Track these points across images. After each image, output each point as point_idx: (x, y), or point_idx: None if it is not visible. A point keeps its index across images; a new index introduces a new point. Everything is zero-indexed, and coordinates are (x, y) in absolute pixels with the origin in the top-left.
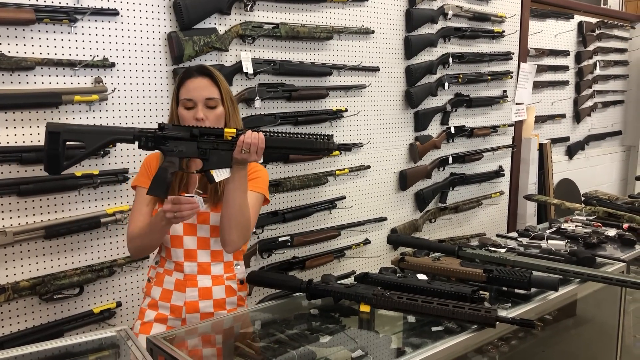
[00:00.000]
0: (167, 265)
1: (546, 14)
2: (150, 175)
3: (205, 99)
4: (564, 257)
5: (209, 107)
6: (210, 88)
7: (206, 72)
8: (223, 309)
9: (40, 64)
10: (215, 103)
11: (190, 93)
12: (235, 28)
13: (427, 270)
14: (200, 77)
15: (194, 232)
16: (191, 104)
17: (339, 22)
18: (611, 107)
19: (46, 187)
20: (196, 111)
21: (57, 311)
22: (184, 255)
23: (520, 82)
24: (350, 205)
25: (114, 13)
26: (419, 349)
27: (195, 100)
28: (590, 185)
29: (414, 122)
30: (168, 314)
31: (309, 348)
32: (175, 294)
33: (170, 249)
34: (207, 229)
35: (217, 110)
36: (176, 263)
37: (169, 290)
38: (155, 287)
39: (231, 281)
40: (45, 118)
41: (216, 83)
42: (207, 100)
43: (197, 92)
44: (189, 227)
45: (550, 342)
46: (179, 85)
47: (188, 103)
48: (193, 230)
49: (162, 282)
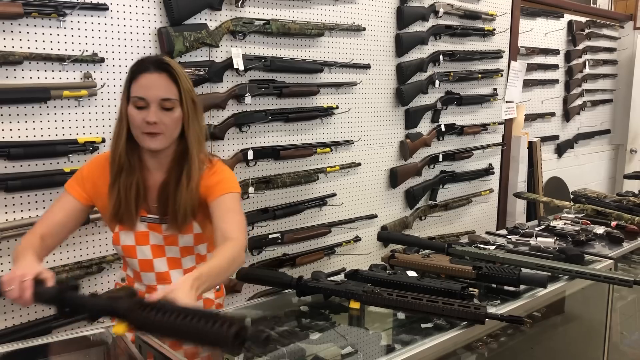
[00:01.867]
0: (138, 286)
1: (536, 12)
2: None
3: (160, 100)
4: (553, 254)
5: (165, 109)
6: (167, 87)
7: (164, 67)
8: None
9: (29, 59)
10: (171, 105)
11: (143, 91)
12: (226, 24)
13: (417, 267)
14: (156, 73)
15: (163, 254)
16: (143, 104)
17: (330, 18)
18: (600, 106)
19: (34, 183)
20: (148, 113)
21: (45, 308)
22: (156, 279)
23: (510, 80)
24: (341, 203)
25: (103, 8)
26: (409, 346)
27: (148, 99)
28: (579, 184)
29: (404, 119)
30: None
31: (298, 345)
32: None
33: (140, 273)
34: (176, 250)
35: (173, 114)
36: (148, 286)
37: None
38: None
39: (208, 293)
40: (34, 113)
41: (175, 81)
42: (162, 101)
43: (152, 90)
44: (157, 249)
45: (538, 339)
46: (130, 79)
47: (140, 102)
48: (162, 251)
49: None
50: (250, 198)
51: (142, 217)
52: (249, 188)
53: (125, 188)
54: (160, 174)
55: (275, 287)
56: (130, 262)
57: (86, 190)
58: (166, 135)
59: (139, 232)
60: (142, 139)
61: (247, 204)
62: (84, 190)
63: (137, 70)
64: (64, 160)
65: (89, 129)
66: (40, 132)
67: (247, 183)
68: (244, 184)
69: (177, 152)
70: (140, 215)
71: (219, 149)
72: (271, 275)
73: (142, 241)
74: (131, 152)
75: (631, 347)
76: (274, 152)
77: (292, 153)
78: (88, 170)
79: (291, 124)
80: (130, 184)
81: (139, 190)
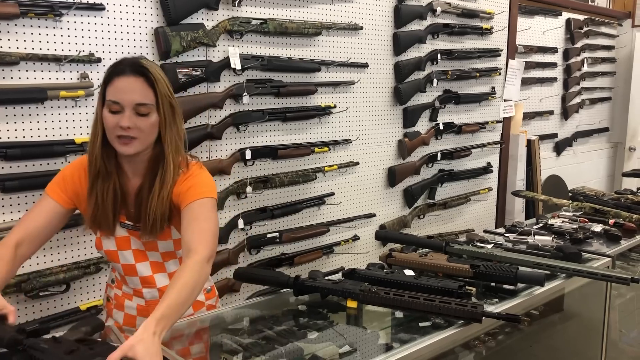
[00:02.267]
0: (125, 288)
1: (534, 10)
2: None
3: (135, 104)
4: (551, 252)
5: (140, 114)
6: (143, 91)
7: (141, 71)
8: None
9: (25, 59)
10: (147, 110)
11: (118, 95)
12: (223, 23)
13: (414, 266)
14: (132, 76)
15: (145, 258)
16: (118, 108)
17: (327, 18)
18: (598, 104)
19: (31, 184)
20: (122, 117)
21: (42, 308)
22: (141, 283)
23: (508, 78)
24: (339, 202)
25: (99, 8)
26: (407, 344)
27: (122, 104)
28: (577, 182)
29: (402, 118)
30: None
31: (296, 344)
32: (139, 319)
33: (125, 277)
34: (158, 255)
35: (149, 119)
36: (134, 289)
37: (132, 315)
38: (117, 311)
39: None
40: (31, 114)
41: (152, 85)
42: (137, 106)
43: (127, 94)
44: (139, 254)
45: (537, 337)
46: (106, 81)
47: (114, 106)
48: (144, 256)
49: (122, 306)
50: (248, 197)
51: (122, 222)
52: (247, 187)
53: (102, 193)
54: (137, 179)
55: (273, 286)
56: (115, 266)
57: (68, 193)
58: (141, 140)
59: (119, 237)
60: (116, 144)
61: (245, 204)
62: (66, 193)
63: (113, 73)
64: (61, 160)
65: (86, 129)
66: (37, 132)
67: (245, 182)
68: (242, 184)
69: (153, 157)
70: (120, 221)
71: (216, 149)
72: (268, 275)
73: (124, 246)
74: (107, 156)
75: (630, 345)
76: (271, 151)
77: (290, 152)
78: (70, 172)
79: (289, 124)
80: (107, 189)
81: (116, 196)
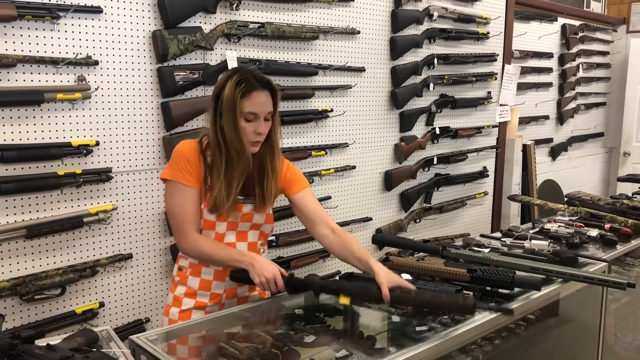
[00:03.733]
0: None
1: (530, 16)
2: (191, 171)
3: (267, 113)
4: (547, 257)
5: (266, 120)
6: (270, 102)
7: (268, 86)
8: (254, 291)
9: (22, 61)
10: (270, 117)
11: (256, 107)
12: (221, 27)
13: (411, 270)
14: (264, 91)
15: (234, 228)
16: (253, 117)
17: (324, 22)
18: (594, 109)
19: (28, 186)
20: (258, 125)
21: (38, 312)
22: None
23: (504, 83)
24: (336, 205)
25: (97, 10)
26: (404, 349)
27: (259, 115)
28: (573, 186)
29: (399, 122)
30: (207, 301)
31: (293, 348)
32: (215, 283)
33: None
34: (247, 226)
35: (269, 124)
36: None
37: (208, 280)
38: (192, 277)
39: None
40: (27, 116)
41: (273, 96)
42: (267, 114)
43: (263, 107)
44: (232, 225)
45: (533, 341)
46: (241, 96)
47: (251, 117)
48: (235, 226)
49: (199, 272)
50: None
51: None
52: None
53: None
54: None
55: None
56: (209, 234)
57: (198, 177)
58: (262, 142)
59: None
60: (249, 146)
61: None
62: (196, 178)
63: (249, 89)
64: (58, 163)
65: (83, 131)
66: (34, 134)
67: None
68: None
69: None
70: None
71: None
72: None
73: (222, 218)
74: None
75: (625, 349)
76: None
77: (287, 156)
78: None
79: (286, 127)
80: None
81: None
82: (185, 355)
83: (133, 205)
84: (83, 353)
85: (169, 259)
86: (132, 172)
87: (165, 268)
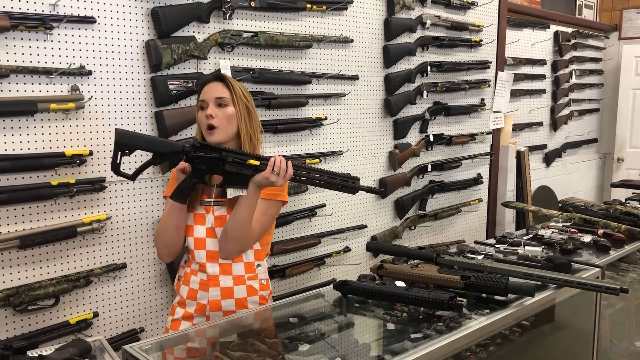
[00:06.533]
0: (193, 265)
1: (523, 23)
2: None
3: (215, 98)
4: (541, 263)
5: (220, 105)
6: (220, 89)
7: (220, 77)
8: (245, 308)
9: (15, 72)
10: (225, 102)
11: (204, 95)
12: (214, 36)
13: (405, 277)
14: (214, 82)
15: (215, 235)
16: (204, 104)
17: (318, 30)
18: (587, 115)
19: (21, 197)
20: (207, 110)
21: (31, 322)
22: (206, 257)
23: (497, 90)
24: (330, 213)
25: (91, 21)
26: (398, 356)
27: (207, 100)
28: (567, 192)
29: (393, 130)
30: (193, 311)
31: (287, 357)
32: (200, 293)
33: (194, 251)
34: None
35: (227, 110)
36: (200, 264)
37: (195, 289)
38: (183, 286)
39: (253, 281)
40: (21, 126)
41: (227, 86)
42: (216, 99)
43: (209, 93)
44: (210, 231)
45: (528, 347)
46: (199, 91)
47: (202, 104)
48: (214, 233)
49: (188, 281)
50: None
51: (202, 200)
52: None
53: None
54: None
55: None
56: (188, 241)
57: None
58: (221, 129)
59: (197, 214)
60: (206, 134)
61: None
62: None
63: (202, 84)
64: (51, 173)
65: (77, 141)
66: (27, 145)
67: None
68: None
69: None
70: (200, 199)
71: None
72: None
73: (200, 221)
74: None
75: (620, 355)
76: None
77: None
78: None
79: (280, 135)
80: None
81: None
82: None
83: (127, 215)
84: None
85: (163, 268)
86: (126, 181)
87: (159, 277)
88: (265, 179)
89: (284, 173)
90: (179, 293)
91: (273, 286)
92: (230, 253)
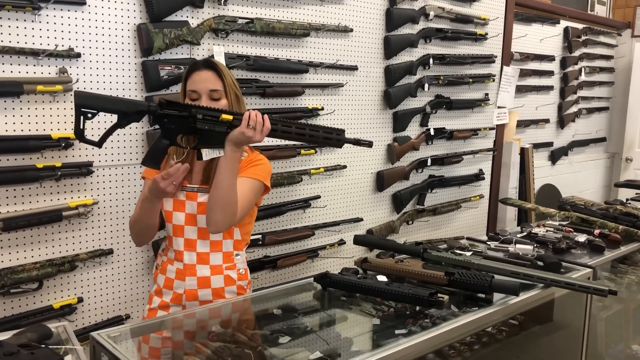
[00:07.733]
0: (170, 254)
1: (531, 18)
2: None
3: (209, 91)
4: (531, 261)
5: (213, 99)
6: (214, 80)
7: (211, 66)
8: (222, 297)
9: (1, 52)
10: (218, 95)
11: (195, 85)
12: (208, 22)
13: (388, 272)
14: (205, 70)
15: (194, 223)
16: (196, 96)
17: (316, 19)
18: (596, 113)
19: (5, 179)
20: (200, 103)
21: (14, 305)
22: (184, 245)
23: (502, 85)
24: (324, 205)
25: (80, 2)
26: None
27: (199, 92)
28: (573, 191)
29: (392, 122)
30: (169, 300)
31: (267, 349)
32: (176, 282)
33: (172, 238)
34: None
35: (220, 102)
36: (177, 252)
37: (171, 278)
38: (160, 275)
39: (231, 271)
40: (6, 107)
41: (220, 76)
42: (210, 92)
43: (202, 84)
44: (190, 218)
45: (525, 348)
46: (185, 78)
47: (193, 94)
48: (194, 220)
49: (165, 270)
50: None
51: (184, 186)
52: None
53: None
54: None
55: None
56: (167, 227)
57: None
58: None
59: (177, 200)
60: None
61: None
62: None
63: (190, 70)
64: (37, 155)
65: (64, 124)
66: (12, 126)
67: None
68: None
69: None
70: (182, 185)
71: None
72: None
73: (179, 208)
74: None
75: (615, 358)
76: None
77: (275, 154)
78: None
79: None
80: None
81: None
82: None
83: (114, 200)
84: (30, 349)
85: (150, 255)
86: (114, 166)
87: (146, 264)
88: (241, 134)
89: (261, 127)
90: (156, 282)
91: (265, 277)
92: (219, 224)
